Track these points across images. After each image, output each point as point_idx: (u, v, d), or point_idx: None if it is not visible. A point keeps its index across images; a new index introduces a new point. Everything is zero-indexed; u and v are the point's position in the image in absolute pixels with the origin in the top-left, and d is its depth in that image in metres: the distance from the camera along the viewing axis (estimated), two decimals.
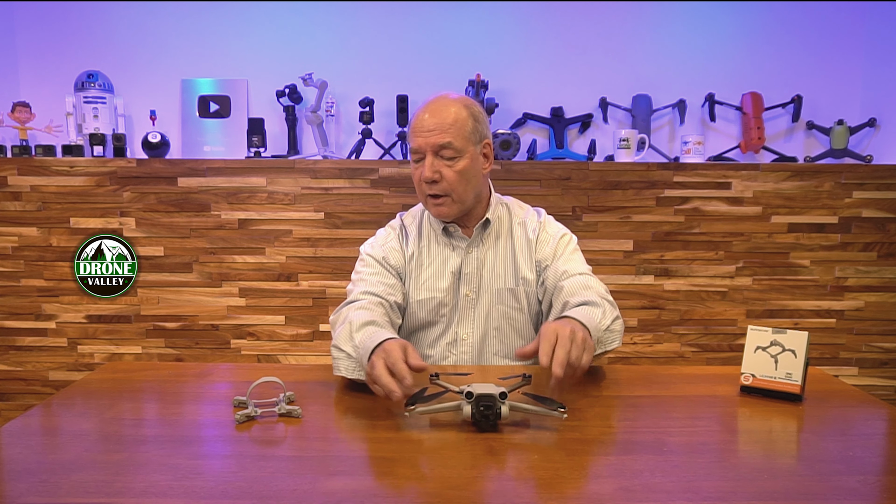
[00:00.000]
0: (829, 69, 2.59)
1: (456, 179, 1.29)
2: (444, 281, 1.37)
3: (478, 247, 1.39)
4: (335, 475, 0.79)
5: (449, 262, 1.38)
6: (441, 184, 1.29)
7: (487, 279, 1.38)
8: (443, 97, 1.32)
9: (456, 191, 1.30)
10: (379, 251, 1.40)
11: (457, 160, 1.29)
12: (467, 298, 1.38)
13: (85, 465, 0.81)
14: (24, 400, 2.46)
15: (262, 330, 2.43)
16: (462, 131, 1.28)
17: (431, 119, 1.28)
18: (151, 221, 2.37)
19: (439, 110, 1.29)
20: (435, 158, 1.28)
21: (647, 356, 2.46)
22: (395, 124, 2.51)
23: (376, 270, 1.37)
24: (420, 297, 1.38)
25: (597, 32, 2.58)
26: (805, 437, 0.95)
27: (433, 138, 1.27)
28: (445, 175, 1.28)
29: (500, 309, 1.38)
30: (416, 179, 1.33)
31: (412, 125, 1.31)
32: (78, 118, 2.41)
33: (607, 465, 0.82)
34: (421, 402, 0.95)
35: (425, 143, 1.28)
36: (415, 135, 1.30)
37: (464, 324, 1.38)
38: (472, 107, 1.32)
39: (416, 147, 1.30)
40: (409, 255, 1.40)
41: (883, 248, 2.40)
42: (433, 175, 1.28)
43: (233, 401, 1.04)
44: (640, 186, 2.37)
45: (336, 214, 2.38)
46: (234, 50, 2.57)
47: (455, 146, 1.27)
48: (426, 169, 1.28)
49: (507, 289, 1.38)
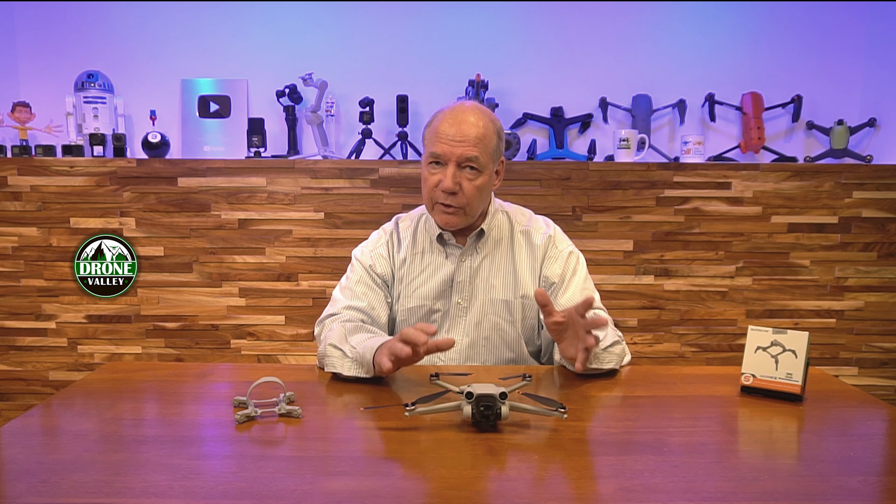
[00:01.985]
0: (829, 69, 2.59)
1: (474, 194, 1.27)
2: (436, 289, 1.37)
3: (471, 255, 1.37)
4: (335, 475, 0.79)
5: (441, 270, 1.37)
6: (458, 196, 1.27)
7: (481, 289, 1.37)
8: (472, 106, 1.30)
9: (471, 205, 1.29)
10: (367, 258, 1.40)
11: (478, 176, 1.27)
12: (458, 306, 1.37)
13: (85, 465, 0.81)
14: (24, 400, 2.46)
15: (262, 330, 2.43)
16: (488, 148, 1.27)
17: (461, 129, 1.25)
18: (151, 221, 2.37)
19: (470, 122, 1.26)
20: (457, 169, 1.26)
21: (647, 356, 2.46)
22: (395, 124, 2.51)
23: (362, 279, 1.37)
24: (411, 305, 1.37)
25: (597, 32, 2.58)
26: (805, 437, 0.95)
27: (460, 149, 1.25)
28: (465, 188, 1.26)
29: (491, 320, 1.36)
30: (429, 184, 1.29)
31: (436, 129, 1.27)
32: (78, 118, 2.41)
33: (607, 465, 0.82)
34: (421, 402, 0.95)
35: (451, 152, 1.25)
36: (439, 140, 1.26)
37: (454, 331, 1.37)
38: (497, 122, 1.32)
39: (439, 153, 1.26)
40: (400, 260, 1.39)
41: (883, 248, 2.40)
42: (454, 186, 1.25)
43: (233, 401, 1.04)
44: (640, 186, 2.37)
45: (336, 214, 2.38)
46: (234, 50, 2.58)
47: (480, 161, 1.26)
48: (448, 179, 1.25)
49: (501, 300, 1.36)
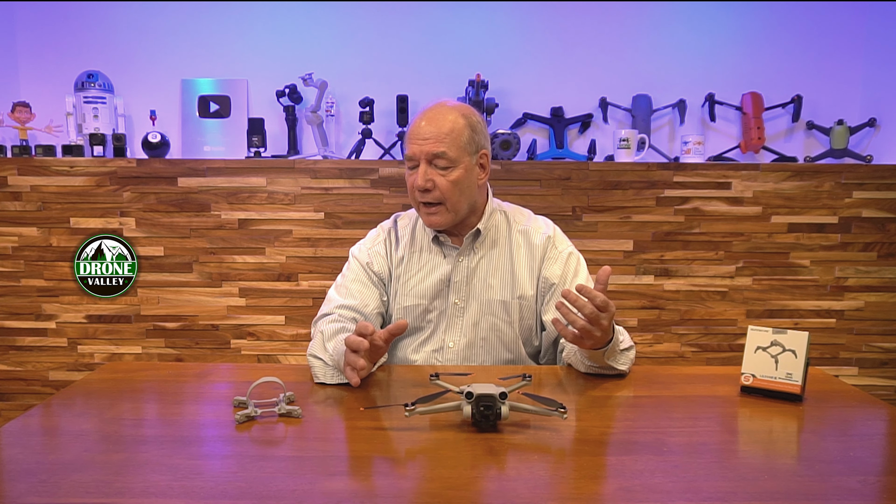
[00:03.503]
0: (829, 69, 2.59)
1: (449, 189, 1.27)
2: (433, 288, 1.37)
3: (468, 256, 1.37)
4: (335, 475, 0.79)
5: (438, 270, 1.37)
6: (434, 192, 1.28)
7: (478, 289, 1.37)
8: (441, 105, 1.31)
9: (449, 200, 1.29)
10: (364, 255, 1.40)
11: (451, 170, 1.27)
12: (455, 307, 1.37)
13: (85, 465, 0.81)
14: (24, 400, 2.46)
15: (262, 330, 2.43)
16: (457, 141, 1.27)
17: (428, 127, 1.27)
18: (151, 221, 2.37)
19: (436, 118, 1.27)
20: (428, 167, 1.27)
21: (647, 356, 2.46)
22: (395, 124, 2.51)
23: (358, 277, 1.38)
24: (407, 304, 1.38)
25: (597, 32, 2.58)
26: (805, 437, 0.95)
27: (427, 147, 1.26)
28: (438, 184, 1.27)
29: (489, 320, 1.36)
30: (409, 186, 1.32)
31: (409, 131, 1.30)
32: (78, 118, 2.41)
33: (607, 465, 0.82)
34: (421, 402, 0.95)
35: (420, 150, 1.27)
36: (410, 141, 1.29)
37: (451, 331, 1.37)
38: (470, 116, 1.31)
39: (410, 154, 1.29)
40: (397, 258, 1.39)
41: (883, 248, 2.40)
42: (425, 184, 1.27)
43: (233, 401, 1.04)
44: (640, 186, 2.37)
45: (336, 214, 2.38)
46: (234, 50, 2.57)
47: (449, 156, 1.26)
48: (418, 177, 1.27)
49: (499, 301, 1.36)
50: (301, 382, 1.16)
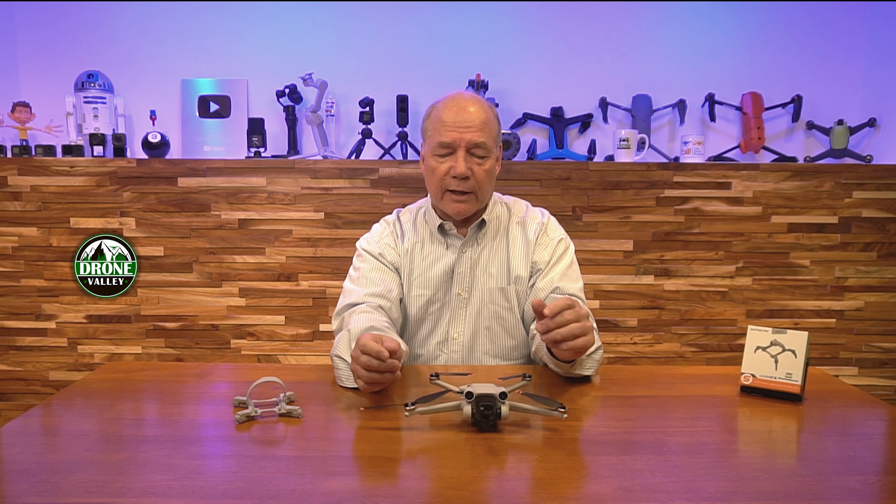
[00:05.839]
0: (829, 69, 2.59)
1: (484, 178, 1.31)
2: (437, 279, 1.38)
3: (472, 247, 1.39)
4: (335, 475, 0.79)
5: (442, 261, 1.38)
6: (470, 181, 1.30)
7: (480, 279, 1.38)
8: (471, 96, 1.33)
9: (482, 189, 1.32)
10: (375, 247, 1.41)
11: (486, 160, 1.31)
12: (459, 298, 1.38)
13: (85, 465, 0.81)
14: (24, 400, 2.46)
15: (262, 330, 2.43)
16: (492, 132, 1.31)
17: (466, 116, 1.28)
18: (151, 221, 2.37)
19: (472, 108, 1.29)
20: (466, 155, 1.29)
21: (647, 356, 2.46)
22: (395, 124, 2.51)
23: (375, 266, 1.38)
24: (411, 294, 1.39)
25: (597, 32, 2.58)
26: (805, 437, 0.95)
27: (469, 135, 1.28)
28: (475, 172, 1.30)
29: (491, 308, 1.38)
30: (438, 173, 1.31)
31: (441, 119, 1.30)
32: (78, 118, 2.41)
33: (607, 465, 0.82)
34: (421, 402, 0.95)
35: (460, 138, 1.28)
36: (448, 129, 1.29)
37: (455, 323, 1.39)
38: (494, 108, 1.36)
39: (449, 141, 1.29)
40: (403, 250, 1.41)
41: (883, 248, 2.40)
42: (467, 171, 1.28)
43: (233, 401, 1.04)
44: (640, 186, 2.37)
45: (336, 214, 2.38)
46: (234, 50, 2.57)
47: (487, 146, 1.29)
48: (460, 164, 1.28)
49: (497, 288, 1.38)
50: (301, 382, 1.16)
